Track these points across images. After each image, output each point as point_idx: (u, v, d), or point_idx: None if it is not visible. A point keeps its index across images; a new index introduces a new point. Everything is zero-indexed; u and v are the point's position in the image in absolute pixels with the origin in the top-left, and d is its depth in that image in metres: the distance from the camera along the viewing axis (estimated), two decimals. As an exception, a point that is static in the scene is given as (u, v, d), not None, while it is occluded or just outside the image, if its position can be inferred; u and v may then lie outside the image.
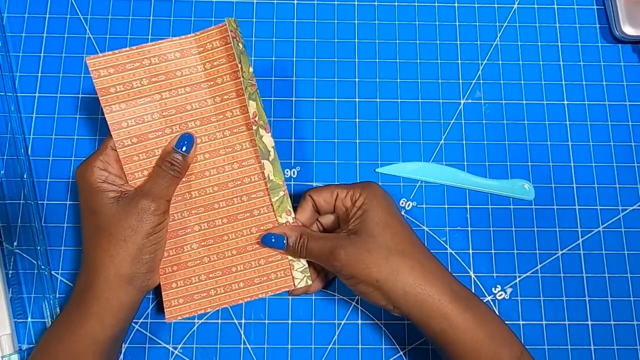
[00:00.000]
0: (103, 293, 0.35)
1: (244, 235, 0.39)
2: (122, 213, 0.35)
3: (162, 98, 0.38)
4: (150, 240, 0.36)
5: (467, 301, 0.35)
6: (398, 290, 0.34)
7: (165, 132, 0.38)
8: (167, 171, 0.37)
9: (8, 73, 0.46)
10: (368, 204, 0.36)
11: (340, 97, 0.47)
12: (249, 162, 0.39)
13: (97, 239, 0.36)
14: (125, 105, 0.37)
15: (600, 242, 0.44)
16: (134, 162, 0.38)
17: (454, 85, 0.47)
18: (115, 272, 0.35)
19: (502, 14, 0.49)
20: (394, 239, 0.35)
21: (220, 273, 0.39)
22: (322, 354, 0.42)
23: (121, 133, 0.38)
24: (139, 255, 0.35)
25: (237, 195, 0.39)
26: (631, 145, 0.46)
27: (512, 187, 0.45)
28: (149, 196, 0.36)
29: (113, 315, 0.35)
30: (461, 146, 0.46)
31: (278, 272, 0.39)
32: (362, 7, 0.49)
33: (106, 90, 0.37)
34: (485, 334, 0.34)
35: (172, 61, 0.37)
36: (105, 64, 0.37)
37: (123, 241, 0.35)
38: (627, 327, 0.42)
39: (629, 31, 0.47)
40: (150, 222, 0.35)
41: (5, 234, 0.43)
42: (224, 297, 0.39)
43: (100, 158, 0.37)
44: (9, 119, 0.45)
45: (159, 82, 0.37)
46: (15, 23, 0.48)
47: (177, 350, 0.42)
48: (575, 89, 0.47)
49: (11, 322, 0.41)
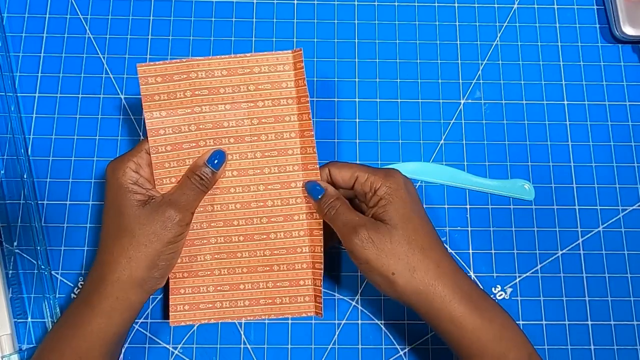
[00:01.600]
0: (114, 292, 0.35)
1: (257, 255, 0.40)
2: (148, 218, 0.36)
3: (202, 112, 0.39)
4: (170, 248, 0.36)
5: (477, 302, 0.35)
6: (411, 286, 0.34)
7: (199, 144, 0.39)
8: (195, 184, 0.38)
9: (8, 73, 0.46)
10: (390, 196, 0.36)
11: (340, 97, 0.47)
12: (274, 187, 0.40)
13: (118, 239, 0.36)
14: (165, 114, 0.38)
15: (600, 242, 0.44)
16: (164, 169, 0.39)
17: (454, 85, 0.47)
18: (129, 274, 0.35)
19: (502, 14, 0.49)
20: (416, 234, 0.35)
21: (228, 287, 0.40)
22: (322, 354, 0.42)
23: (158, 140, 0.38)
24: (156, 262, 0.36)
25: (258, 216, 0.40)
26: (631, 145, 0.46)
27: (512, 187, 0.45)
28: (176, 206, 0.36)
29: (120, 314, 0.36)
30: (461, 146, 0.46)
31: (283, 297, 0.40)
32: (362, 7, 0.49)
33: (151, 97, 0.38)
34: (493, 335, 0.34)
35: (218, 78, 0.38)
36: (154, 73, 0.37)
37: (144, 246, 0.35)
38: (627, 327, 0.42)
39: (629, 31, 0.47)
40: (173, 232, 0.36)
41: (5, 234, 0.43)
42: (229, 311, 0.40)
43: (134, 159, 0.37)
44: (9, 119, 0.45)
45: (201, 96, 0.38)
46: (15, 23, 0.48)
47: (177, 350, 0.42)
48: (575, 89, 0.47)
49: (11, 322, 0.41)
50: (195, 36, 0.48)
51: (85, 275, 0.43)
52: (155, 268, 0.36)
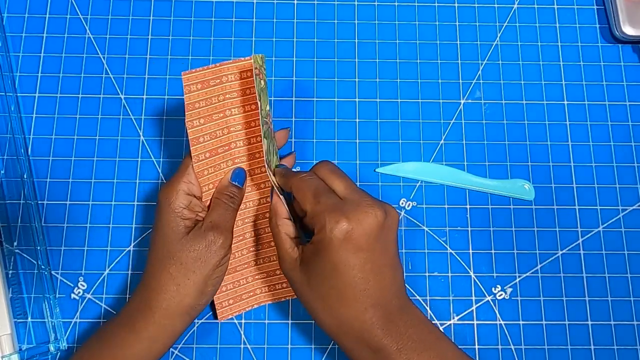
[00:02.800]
0: (161, 319, 0.35)
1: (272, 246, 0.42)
2: (194, 244, 0.36)
3: (232, 114, 0.39)
4: (216, 272, 0.36)
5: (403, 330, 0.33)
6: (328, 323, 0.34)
7: (231, 146, 0.40)
8: (228, 204, 0.38)
9: (8, 73, 0.46)
10: (318, 248, 0.34)
11: (340, 97, 0.47)
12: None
13: (166, 265, 0.36)
14: (204, 121, 0.38)
15: (600, 242, 0.44)
16: (205, 177, 0.39)
17: (454, 85, 0.47)
18: (179, 302, 0.35)
19: (502, 14, 0.49)
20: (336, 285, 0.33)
21: (265, 275, 0.42)
22: (322, 354, 0.42)
23: (198, 148, 0.38)
24: (204, 288, 0.36)
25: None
26: (631, 145, 0.46)
27: (512, 187, 0.45)
28: (217, 229, 0.36)
29: (163, 341, 0.36)
30: (461, 146, 0.46)
31: None
32: (362, 7, 0.49)
33: (192, 106, 0.37)
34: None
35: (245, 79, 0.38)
36: (196, 80, 0.36)
37: (192, 272, 0.35)
38: (627, 327, 0.42)
39: (629, 31, 0.47)
40: (218, 255, 0.36)
41: (5, 234, 0.43)
42: (268, 294, 0.42)
43: (185, 180, 0.37)
44: (9, 119, 0.45)
45: (232, 99, 0.39)
46: (15, 23, 0.48)
47: (177, 350, 0.42)
48: (575, 89, 0.47)
49: (11, 322, 0.41)
50: (195, 36, 0.48)
51: (86, 277, 0.43)
52: (203, 294, 0.36)
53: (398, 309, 0.34)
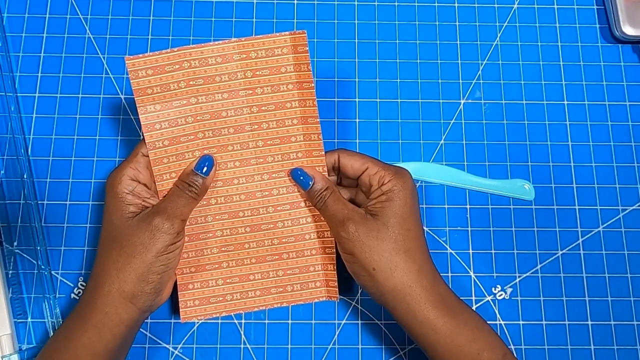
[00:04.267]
0: (104, 307, 0.35)
1: (265, 245, 0.40)
2: (137, 229, 0.35)
3: (198, 102, 0.37)
4: (160, 260, 0.35)
5: (451, 306, 0.35)
6: (389, 284, 0.35)
7: (198, 136, 0.38)
8: (185, 191, 0.37)
9: (8, 73, 0.46)
10: (394, 193, 0.36)
11: (340, 97, 0.47)
12: (279, 175, 0.39)
13: (109, 250, 0.35)
14: (160, 107, 0.37)
15: (600, 242, 0.44)
16: (164, 164, 0.38)
17: (454, 85, 0.47)
18: (118, 288, 0.35)
19: (502, 14, 0.49)
20: (405, 236, 0.36)
21: (237, 279, 0.40)
22: (322, 354, 0.42)
23: (154, 135, 0.37)
24: (146, 275, 0.35)
25: (264, 205, 0.39)
26: (631, 145, 0.46)
27: (512, 187, 0.45)
28: (163, 214, 0.35)
29: (110, 330, 0.35)
30: (461, 146, 0.46)
31: (294, 284, 0.40)
32: (362, 7, 0.49)
33: (143, 91, 0.36)
34: (467, 337, 0.35)
35: (212, 66, 0.37)
36: (144, 65, 0.36)
37: (132, 257, 0.35)
38: (627, 327, 0.42)
39: (629, 31, 0.47)
40: (162, 241, 0.35)
41: (5, 234, 0.43)
42: (239, 303, 0.40)
43: (131, 165, 0.37)
44: (9, 119, 0.45)
45: (196, 86, 0.37)
46: (15, 23, 0.48)
47: (177, 350, 0.42)
48: (575, 89, 0.47)
49: (11, 322, 0.41)
50: (195, 36, 0.48)
51: (86, 277, 0.43)
52: (145, 282, 0.35)
53: None
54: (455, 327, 0.35)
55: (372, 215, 0.36)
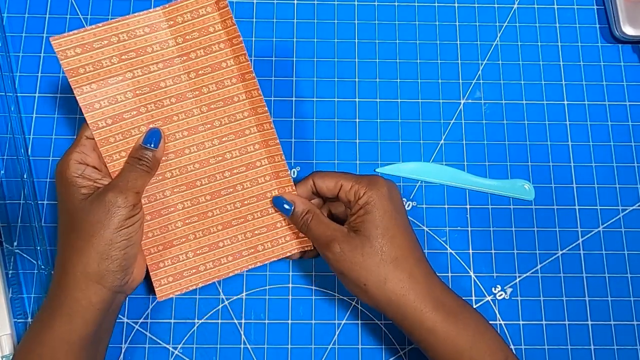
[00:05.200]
0: (72, 293, 0.34)
1: (229, 210, 0.40)
2: (90, 208, 0.34)
3: (135, 76, 0.37)
4: (120, 235, 0.34)
5: (450, 309, 0.35)
6: (383, 297, 0.35)
7: (140, 110, 0.37)
8: (135, 165, 0.36)
9: (8, 73, 0.46)
10: (371, 205, 0.36)
11: (340, 97, 0.47)
12: (229, 138, 0.39)
13: (68, 236, 0.35)
14: (96, 86, 0.36)
15: (600, 242, 0.44)
16: (111, 144, 0.37)
17: (454, 85, 0.47)
18: (82, 270, 0.34)
19: (502, 14, 0.49)
20: (390, 245, 0.35)
21: (207, 249, 0.40)
22: (322, 354, 0.42)
23: (95, 115, 0.36)
24: (108, 252, 0.34)
25: (219, 171, 0.39)
26: (631, 145, 0.46)
27: (512, 187, 0.45)
28: (115, 189, 0.35)
29: (81, 316, 0.34)
30: (461, 146, 0.46)
31: (265, 243, 0.40)
32: (362, 7, 0.49)
33: (75, 71, 0.35)
34: (467, 341, 0.34)
35: (142, 37, 0.36)
36: (71, 44, 0.35)
37: (90, 236, 0.34)
38: (627, 327, 0.42)
39: (629, 31, 0.47)
40: (119, 215, 0.34)
41: (5, 234, 0.43)
42: (214, 271, 0.40)
43: (77, 150, 0.36)
44: (9, 119, 0.45)
45: (129, 60, 0.36)
46: (15, 23, 0.48)
47: (177, 350, 0.42)
48: (575, 89, 0.47)
49: (11, 322, 0.41)
50: (195, 36, 0.48)
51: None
52: (108, 259, 0.34)
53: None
54: (455, 332, 0.34)
55: (354, 231, 0.36)
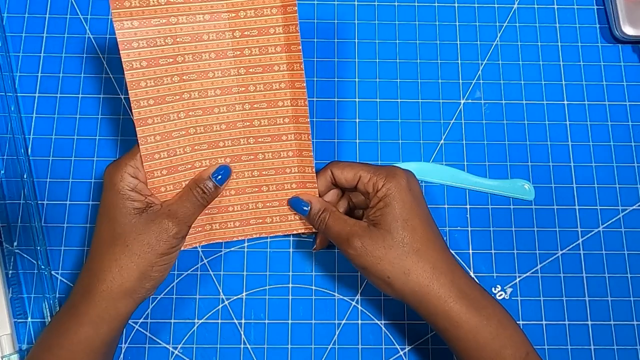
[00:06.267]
0: (102, 302, 0.34)
1: (245, 177, 0.39)
2: (143, 228, 0.35)
3: (178, 22, 0.35)
4: (163, 260, 0.35)
5: (474, 300, 0.35)
6: (407, 289, 0.35)
7: (177, 60, 0.36)
8: (197, 197, 0.37)
9: (8, 73, 0.46)
10: (390, 197, 0.36)
11: (341, 97, 0.47)
12: (261, 106, 0.38)
13: (110, 247, 0.35)
14: (138, 24, 0.34)
15: (600, 242, 0.44)
16: (141, 89, 0.36)
17: (454, 85, 0.47)
18: (120, 284, 0.35)
19: (502, 14, 0.49)
20: (412, 237, 0.35)
21: (216, 210, 0.39)
22: (322, 354, 0.42)
23: (131, 54, 0.35)
24: (148, 273, 0.35)
25: (245, 136, 0.38)
26: (631, 145, 0.46)
27: (512, 187, 0.45)
28: (174, 218, 0.36)
29: (108, 324, 0.35)
30: (461, 146, 0.46)
31: (274, 217, 0.40)
32: (362, 7, 0.49)
33: (120, 3, 0.34)
34: (490, 333, 0.34)
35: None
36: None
37: (137, 256, 0.35)
38: (627, 327, 0.42)
39: (629, 31, 0.47)
40: (168, 244, 0.35)
41: (5, 234, 0.43)
42: (219, 232, 0.40)
43: (131, 163, 0.36)
44: (9, 119, 0.45)
45: (176, 4, 0.35)
46: (15, 23, 0.48)
47: (177, 350, 0.42)
48: (575, 89, 0.47)
49: (11, 322, 0.41)
50: (195, 36, 0.48)
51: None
52: (146, 279, 0.35)
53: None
54: (478, 323, 0.34)
55: (374, 225, 0.36)
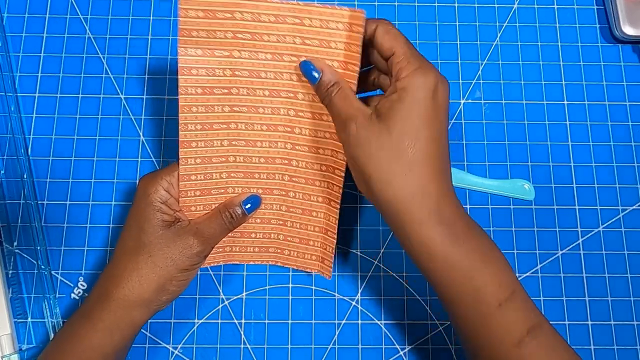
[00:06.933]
0: (118, 310, 0.35)
1: (273, 209, 0.40)
2: (168, 241, 0.35)
3: (241, 57, 0.36)
4: (183, 275, 0.36)
5: (454, 232, 0.31)
6: (383, 196, 0.31)
7: (232, 91, 0.37)
8: (225, 221, 0.37)
9: (8, 73, 0.46)
10: (407, 93, 0.31)
11: (340, 97, 0.47)
12: (302, 149, 0.38)
13: (133, 255, 0.35)
14: (201, 52, 0.35)
15: (600, 242, 0.44)
16: (191, 113, 0.37)
17: (454, 85, 0.47)
18: (138, 294, 0.35)
19: (502, 14, 0.49)
20: (411, 145, 0.31)
21: (239, 235, 0.41)
22: (322, 354, 0.42)
23: (188, 80, 0.36)
24: (167, 286, 0.35)
25: (280, 172, 0.39)
26: (631, 145, 0.46)
27: (512, 187, 0.45)
28: (200, 237, 0.36)
29: (121, 331, 0.35)
30: (461, 146, 0.46)
31: (292, 250, 0.41)
32: (362, 7, 0.49)
33: (188, 32, 0.35)
34: (466, 269, 0.31)
35: (264, 23, 0.35)
36: (197, 6, 0.34)
37: (159, 268, 0.35)
38: (627, 327, 0.42)
39: (629, 31, 0.47)
40: (190, 261, 0.36)
41: (5, 234, 0.43)
42: (237, 255, 0.41)
43: (167, 178, 0.37)
44: (9, 119, 0.45)
45: (243, 40, 0.35)
46: (15, 23, 0.48)
47: (177, 350, 0.42)
48: (575, 89, 0.47)
49: (11, 322, 0.41)
50: (195, 36, 0.48)
51: (86, 277, 0.43)
52: (164, 292, 0.35)
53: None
54: (455, 253, 0.31)
55: (378, 116, 0.32)
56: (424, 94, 0.31)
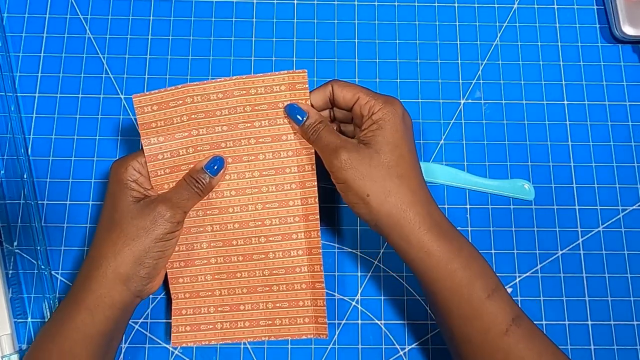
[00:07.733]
0: (98, 288, 0.35)
1: (256, 275, 0.40)
2: (139, 213, 0.36)
3: (199, 134, 0.39)
4: (158, 245, 0.36)
5: (446, 232, 0.35)
6: (383, 209, 0.35)
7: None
8: (191, 186, 0.38)
9: (8, 73, 0.46)
10: (384, 121, 0.36)
11: (340, 97, 0.47)
12: (272, 205, 0.40)
13: (108, 232, 0.36)
14: (163, 139, 0.39)
15: (600, 242, 0.44)
16: (164, 191, 0.39)
17: (454, 85, 0.47)
18: (114, 269, 0.35)
19: (502, 14, 0.49)
20: (398, 162, 0.36)
21: (228, 308, 0.40)
22: (322, 354, 0.42)
23: (156, 164, 0.39)
24: (142, 258, 0.36)
25: (256, 235, 0.40)
26: (631, 145, 0.46)
27: (512, 187, 0.45)
28: (167, 203, 0.37)
29: (103, 311, 0.35)
30: (461, 146, 0.46)
31: (283, 319, 0.40)
32: (362, 7, 0.49)
33: (148, 125, 0.39)
34: (460, 263, 0.35)
35: (214, 101, 0.39)
36: (150, 102, 0.38)
37: (131, 240, 0.35)
38: (627, 327, 0.42)
39: (629, 31, 0.47)
40: (163, 228, 0.36)
41: (5, 234, 0.43)
42: (229, 332, 0.40)
43: (138, 159, 0.38)
44: (9, 119, 0.45)
45: (198, 119, 0.39)
46: (15, 23, 0.48)
47: (177, 350, 0.42)
48: (575, 89, 0.47)
49: (11, 322, 0.41)
50: (195, 36, 0.48)
51: (85, 275, 0.43)
52: (140, 265, 0.36)
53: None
54: (448, 252, 0.35)
55: (364, 144, 0.36)
56: (398, 120, 0.36)
